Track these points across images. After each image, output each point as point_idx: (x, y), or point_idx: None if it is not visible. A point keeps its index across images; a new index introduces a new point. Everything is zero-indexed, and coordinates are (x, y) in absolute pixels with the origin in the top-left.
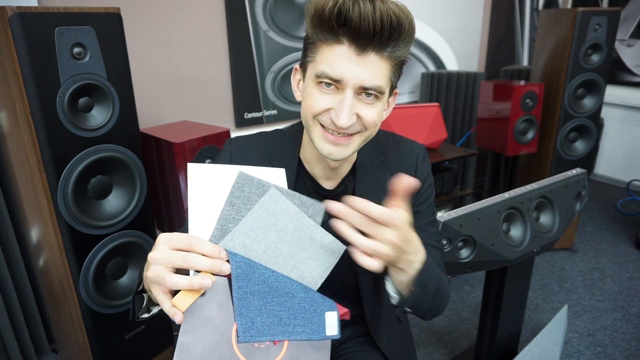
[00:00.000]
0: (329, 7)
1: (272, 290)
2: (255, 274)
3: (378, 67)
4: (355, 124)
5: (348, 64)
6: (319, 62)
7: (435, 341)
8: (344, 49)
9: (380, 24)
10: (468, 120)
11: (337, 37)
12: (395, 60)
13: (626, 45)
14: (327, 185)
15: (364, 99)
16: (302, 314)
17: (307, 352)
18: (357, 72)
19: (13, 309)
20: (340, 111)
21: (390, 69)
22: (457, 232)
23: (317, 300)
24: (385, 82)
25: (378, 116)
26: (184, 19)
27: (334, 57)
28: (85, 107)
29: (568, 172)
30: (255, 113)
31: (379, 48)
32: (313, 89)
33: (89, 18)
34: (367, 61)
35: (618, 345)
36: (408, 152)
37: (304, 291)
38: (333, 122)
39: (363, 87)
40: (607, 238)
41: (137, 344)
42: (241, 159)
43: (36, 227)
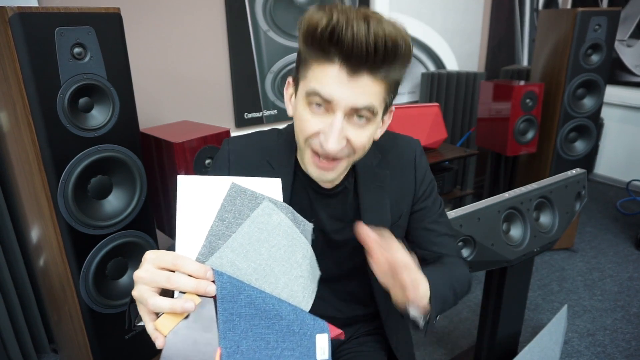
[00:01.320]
0: (322, 26)
1: (260, 312)
2: (241, 295)
3: (371, 88)
4: (344, 147)
5: (339, 85)
6: (311, 79)
7: (435, 341)
8: (335, 69)
9: (374, 46)
10: (468, 120)
11: (329, 56)
12: (390, 82)
13: (626, 46)
14: (325, 184)
15: (356, 121)
16: (290, 337)
17: None
18: (348, 94)
19: (13, 309)
20: (329, 135)
21: (384, 90)
22: (457, 232)
23: (307, 322)
24: (378, 103)
25: (368, 139)
26: (184, 19)
27: (325, 77)
28: (85, 107)
29: (568, 172)
30: (255, 113)
31: (372, 70)
32: (304, 110)
33: (89, 18)
34: (359, 83)
35: (618, 345)
36: (405, 149)
37: (294, 313)
38: (321, 145)
39: (354, 108)
40: (607, 238)
41: (137, 344)
42: (240, 158)
43: (36, 227)
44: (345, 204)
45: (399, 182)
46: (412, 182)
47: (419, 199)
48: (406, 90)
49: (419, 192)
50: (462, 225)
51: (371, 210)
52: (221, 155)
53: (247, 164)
